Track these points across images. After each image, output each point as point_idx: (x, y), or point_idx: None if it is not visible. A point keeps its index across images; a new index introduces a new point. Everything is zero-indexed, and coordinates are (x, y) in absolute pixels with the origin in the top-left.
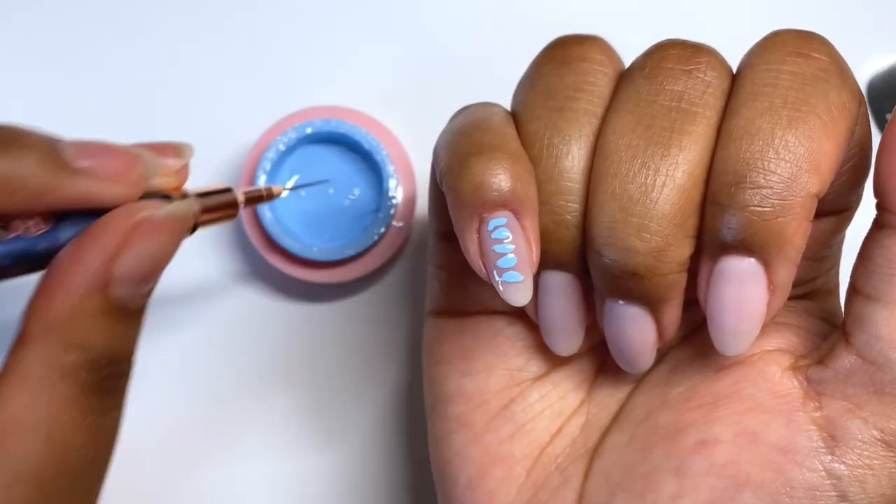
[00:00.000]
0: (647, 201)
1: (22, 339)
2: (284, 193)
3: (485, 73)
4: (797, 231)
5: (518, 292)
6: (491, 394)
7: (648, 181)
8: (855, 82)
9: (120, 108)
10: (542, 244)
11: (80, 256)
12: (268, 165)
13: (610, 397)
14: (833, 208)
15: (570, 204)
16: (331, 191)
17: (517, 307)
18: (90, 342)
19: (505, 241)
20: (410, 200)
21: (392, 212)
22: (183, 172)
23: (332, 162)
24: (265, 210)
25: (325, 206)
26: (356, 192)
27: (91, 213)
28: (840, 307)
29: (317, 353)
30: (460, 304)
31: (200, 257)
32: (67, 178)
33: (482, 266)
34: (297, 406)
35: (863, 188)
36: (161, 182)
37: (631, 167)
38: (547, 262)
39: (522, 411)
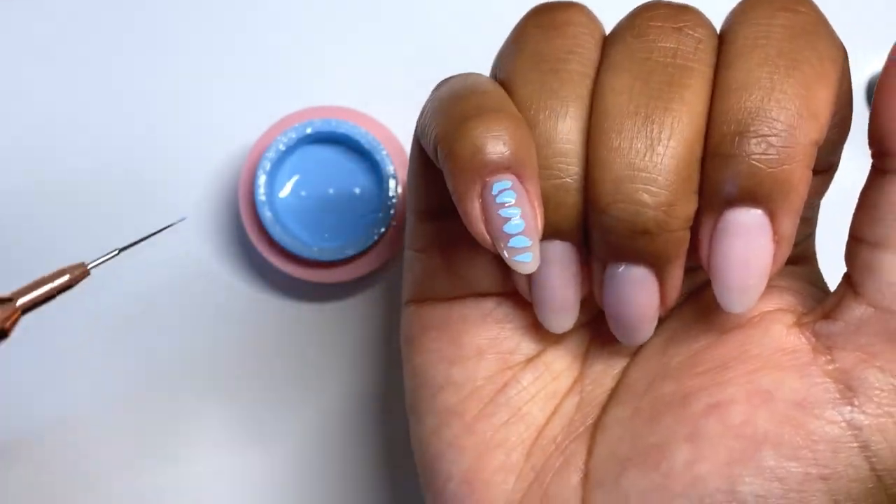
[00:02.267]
0: (654, 155)
1: None
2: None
3: (486, 72)
4: (802, 178)
5: (527, 258)
6: (482, 380)
7: (654, 135)
8: (837, 37)
9: (120, 108)
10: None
11: None
12: (268, 165)
13: (603, 374)
14: (818, 167)
15: (569, 167)
16: (331, 191)
17: (507, 287)
18: None
19: (509, 206)
20: None
21: (392, 212)
22: None
23: (332, 162)
24: (265, 210)
25: (325, 206)
26: (356, 191)
27: None
28: (820, 273)
29: (316, 353)
30: (445, 289)
31: (200, 257)
32: None
33: (485, 232)
34: (296, 406)
35: (843, 146)
36: None
37: (634, 122)
38: (546, 230)
39: (517, 395)
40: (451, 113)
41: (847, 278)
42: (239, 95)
